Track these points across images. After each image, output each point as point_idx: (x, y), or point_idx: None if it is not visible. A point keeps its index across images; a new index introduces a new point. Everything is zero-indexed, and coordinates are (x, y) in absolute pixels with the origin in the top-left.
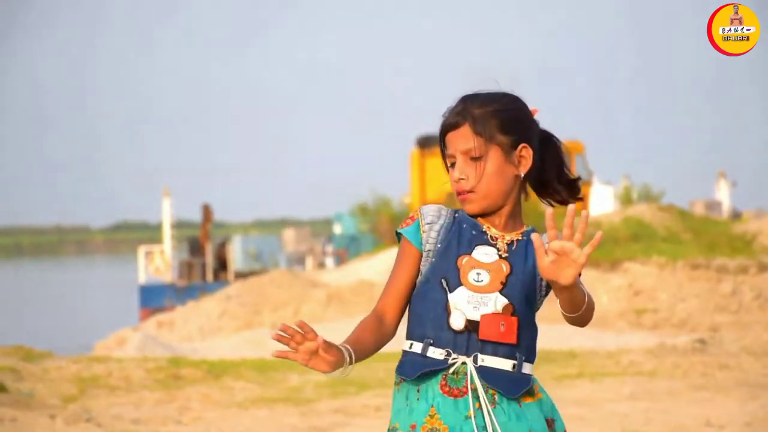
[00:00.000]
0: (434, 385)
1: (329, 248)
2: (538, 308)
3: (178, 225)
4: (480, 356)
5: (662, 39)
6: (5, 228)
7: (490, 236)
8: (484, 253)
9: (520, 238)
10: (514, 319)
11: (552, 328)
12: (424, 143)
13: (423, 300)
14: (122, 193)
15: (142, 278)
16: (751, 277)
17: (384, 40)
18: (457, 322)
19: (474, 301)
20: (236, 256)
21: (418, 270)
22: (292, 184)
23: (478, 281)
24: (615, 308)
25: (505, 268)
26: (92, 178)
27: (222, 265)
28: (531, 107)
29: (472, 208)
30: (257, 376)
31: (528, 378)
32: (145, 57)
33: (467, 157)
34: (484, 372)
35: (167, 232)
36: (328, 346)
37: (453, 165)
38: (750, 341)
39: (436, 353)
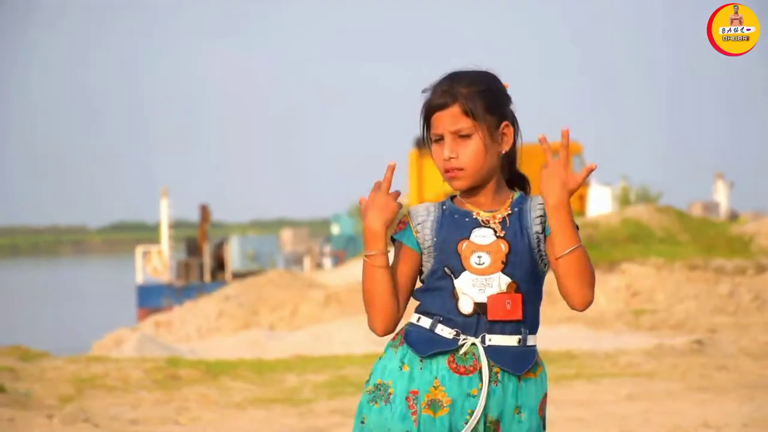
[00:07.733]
0: (441, 360)
1: (327, 249)
2: (545, 272)
3: (176, 225)
4: (488, 336)
5: (661, 39)
6: (2, 228)
7: (482, 220)
8: (481, 236)
9: (509, 212)
10: (519, 296)
11: (550, 329)
12: (423, 144)
13: (430, 292)
14: (120, 193)
15: (140, 278)
16: (748, 279)
17: (383, 40)
18: (466, 307)
19: (479, 283)
20: (234, 256)
21: (417, 269)
22: (290, 184)
23: (479, 264)
24: (613, 309)
25: (504, 247)
26: (89, 178)
27: (220, 265)
28: (503, 82)
29: (461, 184)
30: (255, 377)
31: (533, 351)
32: (143, 57)
33: (456, 136)
34: (491, 351)
35: (165, 233)
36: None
37: (437, 143)
38: (748, 342)
39: (444, 331)
